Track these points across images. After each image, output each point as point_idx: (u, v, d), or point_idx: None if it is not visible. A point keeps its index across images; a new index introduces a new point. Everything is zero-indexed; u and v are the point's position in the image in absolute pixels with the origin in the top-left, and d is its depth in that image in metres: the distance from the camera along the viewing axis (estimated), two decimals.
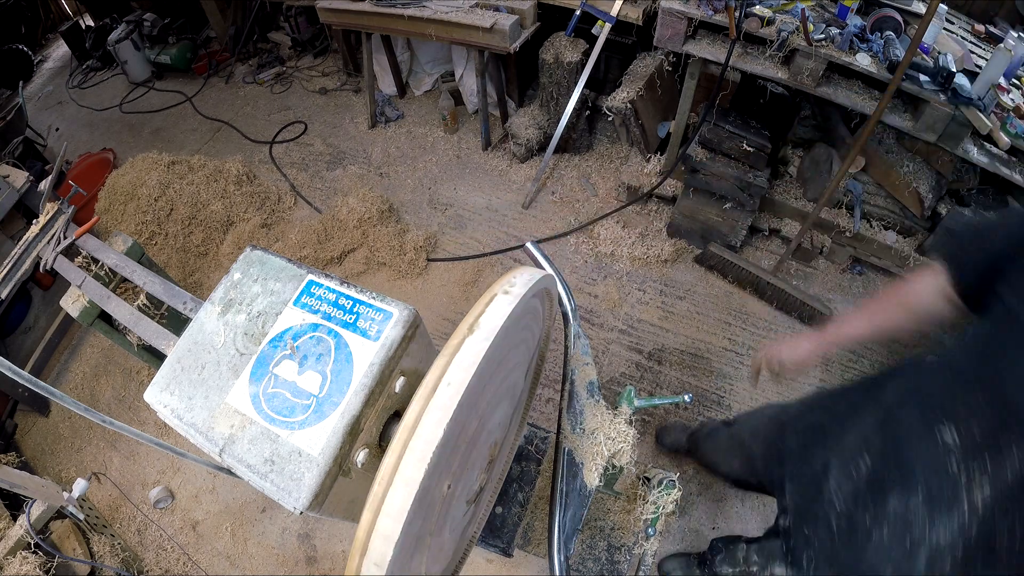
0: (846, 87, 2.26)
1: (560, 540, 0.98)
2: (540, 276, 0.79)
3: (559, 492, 1.01)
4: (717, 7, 2.26)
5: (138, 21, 4.43)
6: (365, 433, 0.76)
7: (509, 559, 1.39)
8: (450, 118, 3.57)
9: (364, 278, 2.95)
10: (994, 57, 2.00)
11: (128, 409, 2.60)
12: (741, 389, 2.40)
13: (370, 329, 0.78)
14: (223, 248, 3.10)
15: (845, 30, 2.11)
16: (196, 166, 3.31)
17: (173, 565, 2.16)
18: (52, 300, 2.85)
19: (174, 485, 2.35)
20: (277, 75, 4.33)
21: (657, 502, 1.27)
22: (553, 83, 3.00)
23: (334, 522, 1.83)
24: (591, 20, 2.82)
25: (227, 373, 0.79)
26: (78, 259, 1.73)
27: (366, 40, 3.40)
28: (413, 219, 3.19)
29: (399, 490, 0.59)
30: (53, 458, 2.49)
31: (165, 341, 1.45)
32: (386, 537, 0.58)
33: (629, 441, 1.04)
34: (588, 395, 1.08)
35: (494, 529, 1.34)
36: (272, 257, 0.88)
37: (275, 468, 0.72)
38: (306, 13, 4.24)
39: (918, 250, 2.57)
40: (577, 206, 3.13)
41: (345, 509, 0.79)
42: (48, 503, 1.71)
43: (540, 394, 2.40)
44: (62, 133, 4.30)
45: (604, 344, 2.57)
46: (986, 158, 2.13)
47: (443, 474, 0.72)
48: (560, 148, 3.26)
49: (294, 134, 3.84)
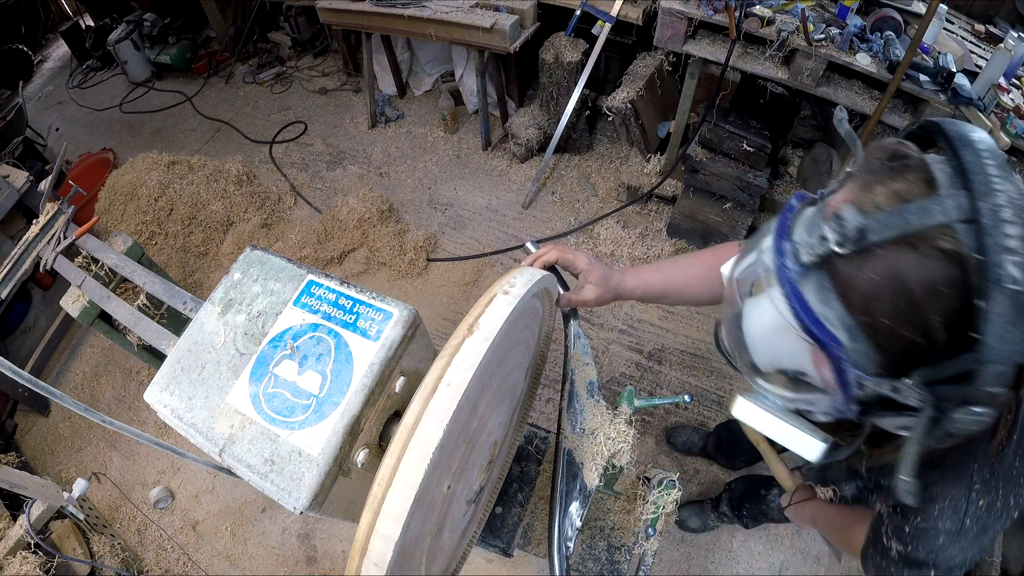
0: (846, 87, 2.26)
1: (560, 540, 0.98)
2: (540, 276, 0.79)
3: (559, 492, 1.01)
4: (717, 7, 2.26)
5: (138, 21, 4.43)
6: (365, 433, 0.76)
7: (509, 559, 1.39)
8: (450, 118, 3.56)
9: (364, 278, 2.95)
10: (994, 57, 2.00)
11: (128, 409, 2.60)
12: (741, 389, 2.40)
13: (370, 329, 0.78)
14: (223, 248, 3.10)
15: (845, 30, 2.11)
16: (196, 166, 3.31)
17: (173, 565, 2.16)
18: (52, 300, 2.85)
19: (174, 485, 2.35)
20: (277, 75, 4.32)
21: (657, 502, 1.27)
22: (553, 83, 3.00)
23: (334, 522, 1.83)
24: (591, 20, 2.82)
25: (227, 373, 0.79)
26: (78, 259, 1.73)
27: (366, 40, 3.40)
28: (413, 219, 3.19)
29: (399, 491, 0.59)
30: (53, 458, 2.49)
31: (165, 341, 1.45)
32: (386, 538, 0.58)
33: (629, 441, 1.04)
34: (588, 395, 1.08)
35: (494, 529, 1.34)
36: (272, 257, 0.88)
37: (275, 468, 0.72)
38: (306, 13, 4.24)
39: None
40: (577, 206, 3.13)
41: (345, 509, 0.79)
42: (48, 503, 1.71)
43: (540, 394, 2.40)
44: (62, 133, 4.30)
45: (604, 344, 2.57)
46: None
47: (443, 474, 0.72)
48: (560, 148, 3.26)
49: (294, 134, 3.84)
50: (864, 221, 0.46)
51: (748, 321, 0.62)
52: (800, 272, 0.51)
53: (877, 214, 0.47)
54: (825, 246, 0.49)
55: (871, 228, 0.46)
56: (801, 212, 0.57)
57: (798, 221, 0.56)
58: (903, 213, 0.46)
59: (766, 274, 0.57)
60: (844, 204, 0.50)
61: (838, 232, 0.48)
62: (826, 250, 0.49)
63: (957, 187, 0.46)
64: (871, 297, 0.47)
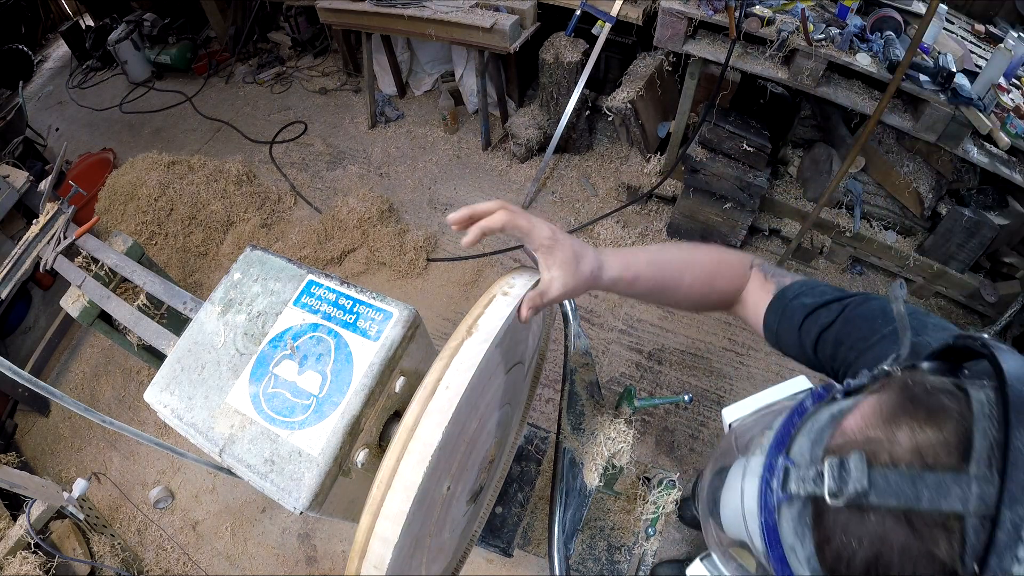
0: (846, 87, 2.26)
1: (560, 540, 0.98)
2: (540, 276, 0.79)
3: (559, 492, 1.01)
4: (717, 7, 2.26)
5: (138, 21, 4.43)
6: (365, 433, 0.76)
7: (509, 559, 1.39)
8: (450, 118, 3.56)
9: (364, 278, 2.95)
10: (994, 57, 2.00)
11: (128, 409, 2.60)
12: (741, 389, 2.40)
13: (370, 329, 0.78)
14: (223, 248, 3.10)
15: (845, 30, 2.11)
16: (196, 166, 3.31)
17: (173, 565, 2.16)
18: (52, 300, 2.85)
19: (174, 485, 2.35)
20: (277, 75, 4.33)
21: (657, 502, 1.27)
22: (553, 83, 3.00)
23: (334, 522, 1.83)
24: (591, 20, 2.82)
25: (227, 373, 0.79)
26: (78, 259, 1.73)
27: (366, 40, 3.40)
28: (413, 219, 3.19)
29: (398, 492, 0.59)
30: (53, 458, 2.49)
31: (165, 341, 1.45)
32: (385, 539, 0.58)
33: (629, 441, 1.04)
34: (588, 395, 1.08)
35: (494, 529, 1.34)
36: (272, 257, 0.88)
37: (275, 468, 0.72)
38: (306, 13, 4.24)
39: (918, 250, 2.57)
40: (577, 206, 3.13)
41: (345, 509, 0.79)
42: (48, 503, 1.71)
43: (540, 394, 2.40)
44: (62, 133, 4.30)
45: (604, 344, 2.57)
46: (986, 158, 2.13)
47: (442, 475, 0.72)
48: (560, 148, 3.26)
49: (294, 134, 3.84)
50: (868, 484, 0.40)
51: (726, 490, 0.55)
52: (784, 498, 0.45)
53: (888, 472, 0.40)
54: (818, 488, 0.42)
55: (875, 490, 0.40)
56: (811, 418, 0.49)
57: (804, 430, 0.49)
58: (916, 483, 0.39)
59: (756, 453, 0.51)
60: (855, 447, 0.43)
61: (837, 482, 0.41)
62: (817, 493, 0.42)
63: (991, 469, 0.37)
64: (845, 562, 0.41)
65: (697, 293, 0.86)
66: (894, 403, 0.44)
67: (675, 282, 0.84)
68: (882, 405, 0.45)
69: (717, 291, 0.87)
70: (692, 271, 0.85)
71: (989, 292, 2.45)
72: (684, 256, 0.87)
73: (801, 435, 0.48)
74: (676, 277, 0.84)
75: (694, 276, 0.85)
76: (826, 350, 0.73)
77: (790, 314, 0.78)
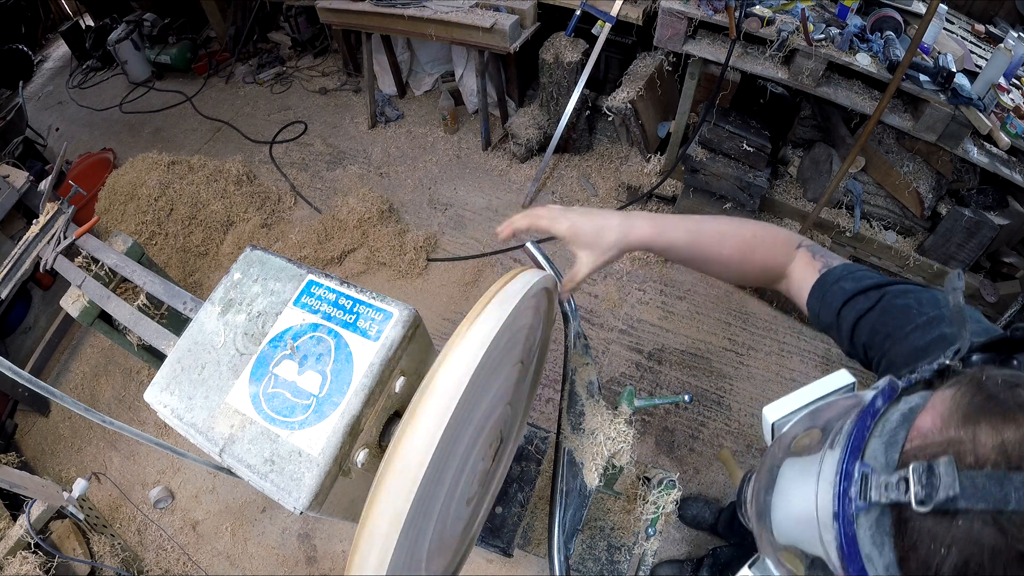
0: (846, 87, 2.26)
1: (560, 540, 0.98)
2: (540, 276, 0.79)
3: (559, 492, 1.01)
4: (717, 7, 2.26)
5: (138, 21, 4.43)
6: (365, 433, 0.76)
7: (509, 559, 1.39)
8: (450, 118, 3.56)
9: (364, 278, 2.95)
10: (994, 57, 2.00)
11: (128, 409, 2.60)
12: (741, 389, 2.40)
13: (370, 329, 0.78)
14: (223, 248, 3.10)
15: (845, 30, 2.11)
16: (196, 166, 3.31)
17: (173, 565, 2.16)
18: (52, 300, 2.85)
19: (174, 485, 2.35)
20: (277, 75, 4.33)
21: (657, 502, 1.27)
22: (553, 83, 3.00)
23: (334, 522, 1.83)
24: (591, 20, 2.82)
25: (227, 373, 0.79)
26: (78, 259, 1.73)
27: (366, 40, 3.40)
28: (413, 219, 3.19)
29: (398, 492, 0.59)
30: (53, 458, 2.49)
31: (165, 341, 1.45)
32: (385, 539, 0.58)
33: (629, 441, 1.04)
34: (588, 395, 1.08)
35: (494, 529, 1.34)
36: (272, 257, 0.88)
37: (275, 468, 0.71)
38: (306, 13, 4.24)
39: (918, 250, 2.57)
40: (577, 206, 3.12)
41: (345, 509, 0.79)
42: (48, 503, 1.71)
43: (540, 394, 2.40)
44: (62, 133, 4.30)
45: (604, 344, 2.57)
46: (986, 158, 2.13)
47: (443, 475, 0.72)
48: (560, 148, 3.26)
49: (294, 134, 3.84)
50: (959, 488, 0.38)
51: (779, 494, 0.52)
52: (863, 507, 0.43)
53: (976, 475, 0.38)
54: (903, 495, 0.40)
55: (963, 494, 0.38)
56: (883, 420, 0.47)
57: (876, 433, 0.46)
58: (1004, 484, 0.37)
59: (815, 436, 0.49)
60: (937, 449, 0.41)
61: (925, 488, 0.39)
62: (902, 500, 0.40)
63: None
64: (933, 569, 0.39)
65: (735, 264, 0.89)
66: (970, 400, 0.42)
67: (714, 252, 0.88)
68: (958, 403, 0.43)
69: (756, 264, 0.89)
70: (731, 241, 0.88)
71: (989, 292, 2.45)
72: (725, 228, 0.90)
73: (874, 437, 0.46)
74: (715, 247, 0.88)
75: (733, 247, 0.88)
76: (861, 337, 0.74)
77: (830, 299, 0.79)
